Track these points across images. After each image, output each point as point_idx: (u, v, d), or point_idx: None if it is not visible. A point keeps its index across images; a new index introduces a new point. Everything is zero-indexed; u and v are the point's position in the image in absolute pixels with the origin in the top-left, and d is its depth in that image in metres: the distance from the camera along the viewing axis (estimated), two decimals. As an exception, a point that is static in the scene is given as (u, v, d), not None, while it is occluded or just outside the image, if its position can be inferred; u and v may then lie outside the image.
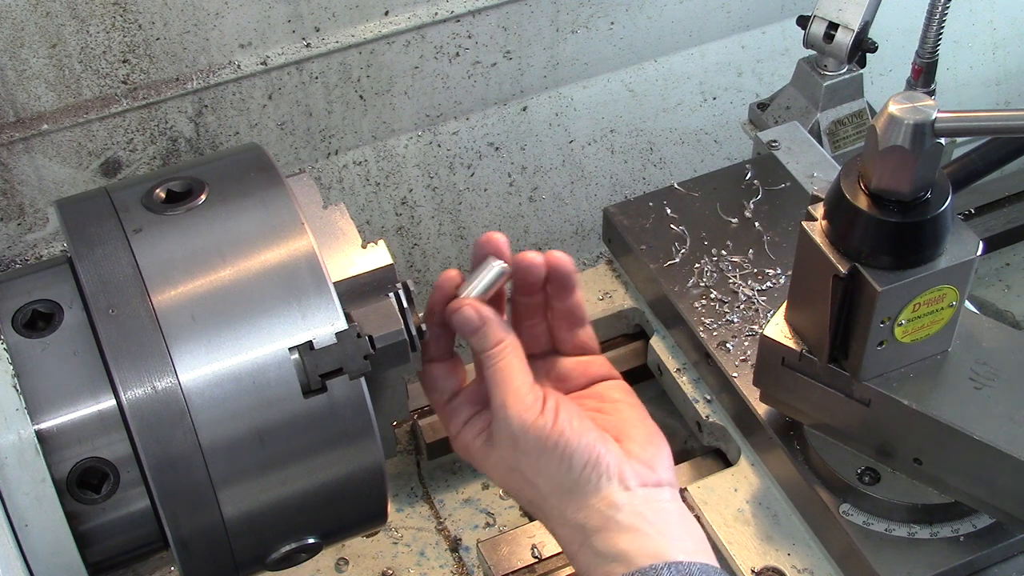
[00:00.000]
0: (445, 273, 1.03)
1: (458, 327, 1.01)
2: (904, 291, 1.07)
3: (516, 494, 1.03)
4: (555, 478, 0.98)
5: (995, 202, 1.93)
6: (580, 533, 0.98)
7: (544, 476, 0.98)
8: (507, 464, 1.00)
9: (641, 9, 1.77)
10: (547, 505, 1.00)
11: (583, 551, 0.97)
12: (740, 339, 1.39)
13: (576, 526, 0.98)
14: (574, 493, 0.98)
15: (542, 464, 0.98)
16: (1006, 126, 0.95)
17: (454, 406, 1.05)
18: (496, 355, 1.00)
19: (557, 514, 0.99)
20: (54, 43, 1.43)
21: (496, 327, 1.00)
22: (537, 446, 0.98)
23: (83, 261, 0.94)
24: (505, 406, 0.98)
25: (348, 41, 1.59)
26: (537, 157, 1.82)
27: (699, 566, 0.93)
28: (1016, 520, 1.15)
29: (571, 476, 0.98)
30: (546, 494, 0.99)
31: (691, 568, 0.93)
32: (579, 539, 0.98)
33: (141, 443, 0.90)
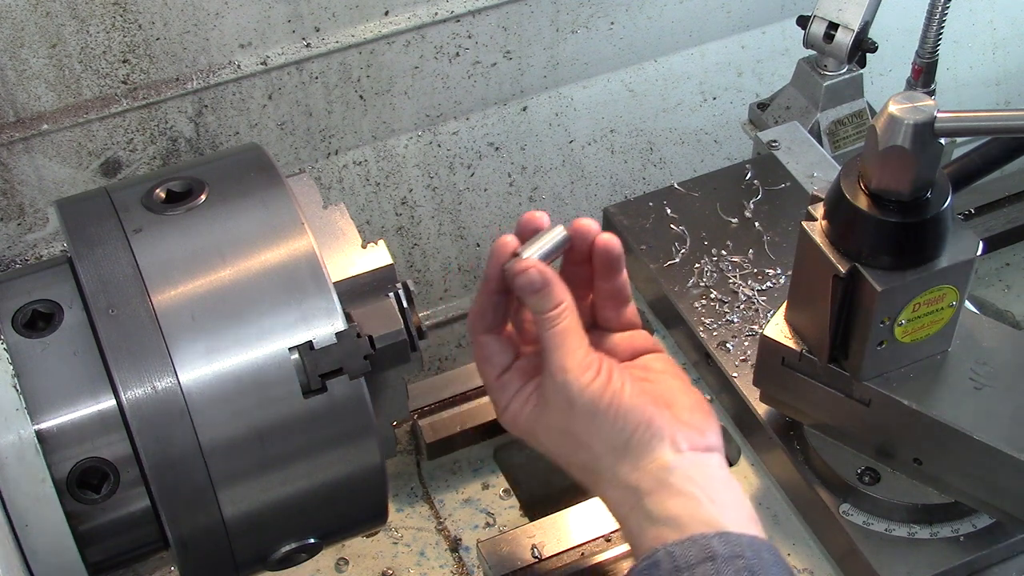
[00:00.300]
0: (500, 239, 1.04)
1: (521, 288, 1.02)
2: (904, 291, 1.07)
3: (567, 458, 1.04)
4: (609, 438, 1.00)
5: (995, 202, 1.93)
6: (633, 495, 0.99)
7: (598, 437, 1.00)
8: (560, 427, 1.02)
9: (641, 9, 1.77)
10: (600, 466, 1.00)
11: (634, 514, 0.98)
12: (740, 339, 1.39)
13: (629, 488, 0.99)
14: (627, 454, 0.99)
15: (597, 425, 0.99)
16: (1006, 126, 0.95)
17: (505, 379, 1.06)
18: (556, 317, 1.01)
19: (610, 475, 1.00)
20: (54, 43, 1.43)
21: (559, 288, 1.02)
22: (592, 407, 0.99)
23: (83, 261, 0.94)
24: (564, 368, 1.00)
25: (348, 41, 1.59)
26: (537, 157, 1.81)
27: (748, 538, 0.95)
28: (1016, 520, 1.15)
29: (624, 436, 0.99)
30: (599, 454, 1.00)
31: (740, 539, 0.94)
32: (631, 501, 0.99)
33: (141, 443, 0.90)
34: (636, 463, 0.99)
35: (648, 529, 0.97)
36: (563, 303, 1.01)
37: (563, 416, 1.01)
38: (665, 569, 0.93)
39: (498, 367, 1.06)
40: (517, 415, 1.05)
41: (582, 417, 1.00)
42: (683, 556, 0.93)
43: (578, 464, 1.03)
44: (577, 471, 1.04)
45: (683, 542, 0.94)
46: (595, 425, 1.00)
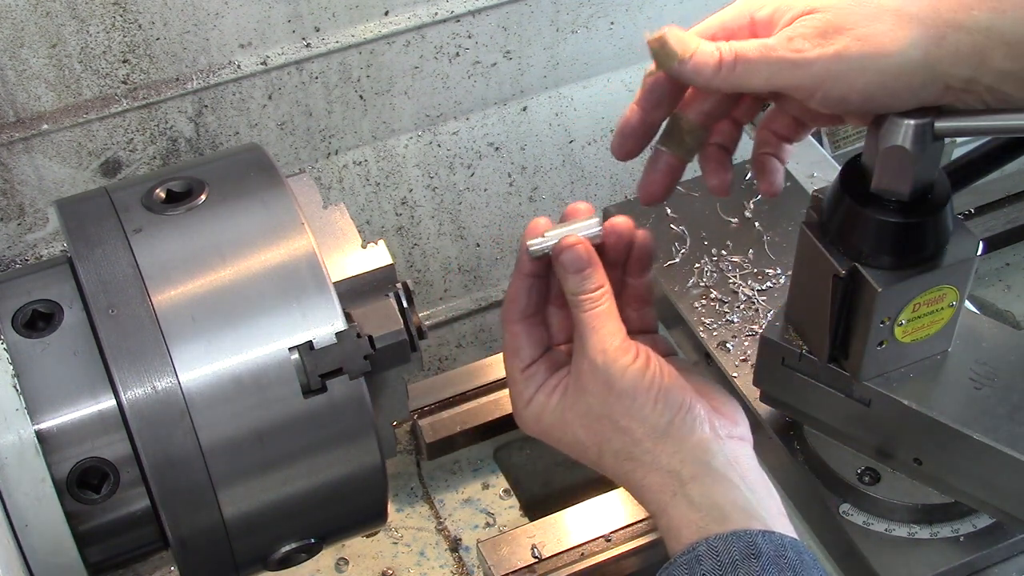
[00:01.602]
0: (534, 220, 1.03)
1: (566, 264, 1.00)
2: (904, 291, 1.07)
3: (600, 447, 1.01)
4: (650, 420, 0.98)
5: (995, 202, 1.93)
6: (675, 480, 0.97)
7: (638, 419, 0.98)
8: (596, 413, 0.99)
9: (641, 9, 1.77)
10: (639, 450, 0.99)
11: (676, 500, 0.97)
12: (740, 339, 1.39)
13: (671, 471, 0.98)
14: (669, 435, 0.98)
15: (637, 406, 0.98)
16: (1006, 126, 0.95)
17: (532, 371, 1.04)
18: (597, 299, 1.00)
19: (650, 459, 0.98)
20: (54, 43, 1.43)
21: (601, 270, 1.01)
22: (633, 388, 0.98)
23: (83, 261, 0.94)
24: (604, 350, 0.98)
25: (348, 41, 1.59)
26: (537, 157, 1.81)
27: (790, 539, 0.94)
28: (1016, 520, 1.15)
29: (665, 418, 0.98)
30: (640, 438, 0.99)
31: (783, 539, 0.94)
32: (673, 486, 0.97)
33: (141, 443, 0.90)
34: (679, 446, 0.98)
35: (689, 517, 0.96)
36: (603, 285, 1.00)
37: (600, 400, 0.99)
38: (708, 565, 0.92)
39: (527, 359, 1.04)
40: (542, 408, 1.03)
41: (622, 400, 0.98)
42: (727, 552, 0.92)
43: (613, 452, 1.00)
44: (611, 460, 1.01)
45: (726, 537, 0.93)
46: (635, 407, 0.98)
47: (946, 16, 0.90)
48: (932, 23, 0.91)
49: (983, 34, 0.89)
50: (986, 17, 0.89)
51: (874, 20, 0.91)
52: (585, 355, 0.99)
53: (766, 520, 0.95)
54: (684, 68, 0.96)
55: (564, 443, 1.04)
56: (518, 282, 1.04)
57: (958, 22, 0.90)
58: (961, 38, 0.90)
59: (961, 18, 0.90)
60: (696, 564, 0.93)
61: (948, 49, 0.90)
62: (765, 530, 0.94)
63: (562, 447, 1.05)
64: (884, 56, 0.91)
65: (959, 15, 0.90)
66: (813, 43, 0.93)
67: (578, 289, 1.00)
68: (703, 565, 0.93)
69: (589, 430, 1.01)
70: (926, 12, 0.91)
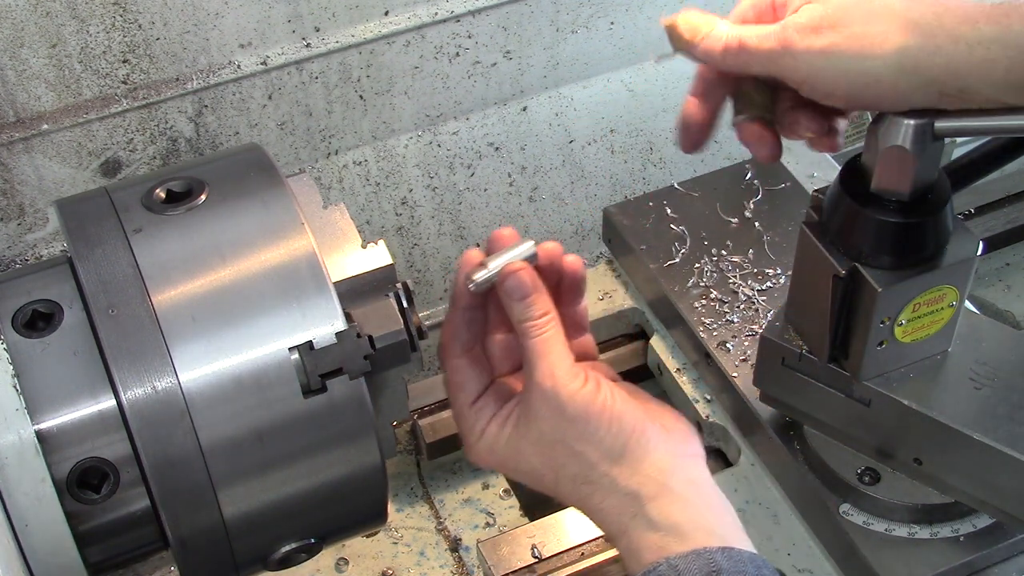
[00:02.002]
0: (467, 253, 1.03)
1: (510, 291, 0.99)
2: (904, 291, 1.07)
3: (557, 472, 1.00)
4: (604, 443, 0.98)
5: (995, 202, 1.93)
6: (634, 502, 0.97)
7: (593, 443, 0.98)
8: (548, 438, 0.99)
9: (641, 9, 1.77)
10: (596, 474, 0.98)
11: (635, 522, 0.96)
12: (740, 339, 1.39)
13: (629, 493, 0.97)
14: (624, 458, 0.98)
15: (591, 430, 0.98)
16: (1006, 126, 0.95)
17: (480, 405, 1.03)
18: (543, 325, 0.99)
19: (608, 482, 0.98)
20: (54, 43, 1.43)
21: (546, 296, 1.00)
22: (585, 411, 0.97)
23: (83, 261, 0.94)
24: (552, 375, 0.98)
25: (348, 41, 1.59)
26: (537, 157, 1.81)
27: (748, 554, 0.94)
28: (1016, 520, 1.15)
29: (620, 441, 0.98)
30: (595, 461, 0.98)
31: (742, 555, 0.93)
32: (632, 509, 0.97)
33: (141, 443, 0.90)
34: (635, 467, 0.98)
35: (649, 537, 0.96)
36: (550, 312, 1.00)
37: (552, 426, 0.99)
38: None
39: (473, 392, 1.04)
40: (495, 440, 1.02)
41: (575, 424, 0.98)
42: (687, 570, 0.92)
43: (569, 476, 1.00)
44: (568, 486, 1.01)
45: (687, 555, 0.93)
46: (589, 431, 0.98)
47: (948, 27, 0.90)
48: (931, 32, 0.90)
49: (986, 47, 0.89)
50: (992, 31, 0.88)
51: (870, 20, 0.91)
52: (534, 381, 0.99)
53: (724, 536, 0.95)
54: (695, 51, 1.00)
55: (520, 472, 1.03)
56: (456, 317, 1.03)
57: (959, 34, 0.89)
58: (959, 50, 0.89)
59: (964, 31, 0.89)
60: None
61: (942, 60, 0.90)
62: (724, 547, 0.94)
63: (518, 477, 1.04)
64: (869, 58, 0.92)
65: (962, 27, 0.89)
66: (803, 35, 0.94)
67: (524, 316, 0.99)
68: None
69: (544, 456, 1.00)
70: (928, 19, 0.90)
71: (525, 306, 0.99)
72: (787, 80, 0.97)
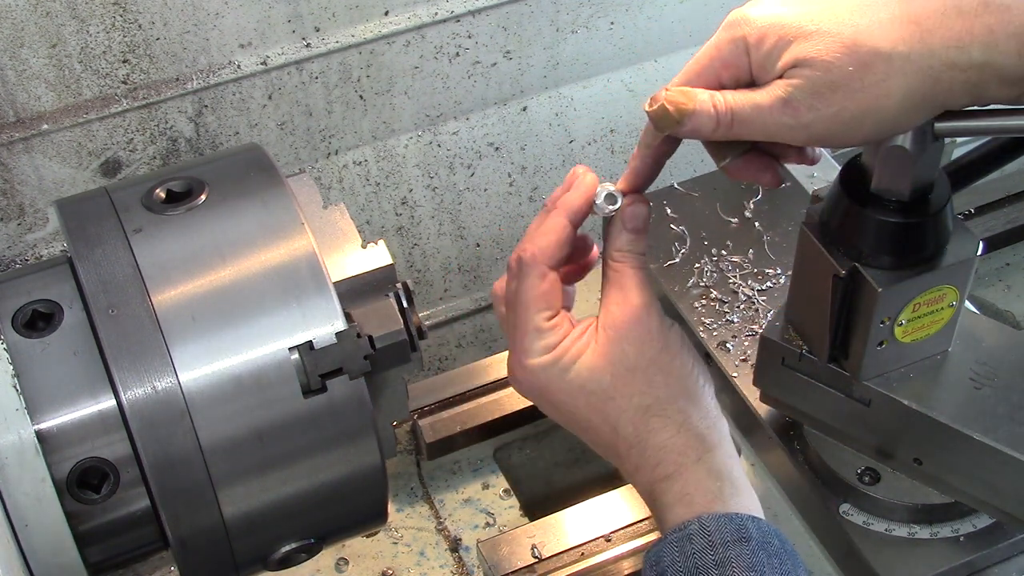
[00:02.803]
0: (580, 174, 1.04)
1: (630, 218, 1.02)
2: (904, 291, 1.07)
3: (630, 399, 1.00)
4: (687, 381, 1.00)
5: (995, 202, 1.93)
6: (700, 444, 0.99)
7: (677, 376, 1.00)
8: (630, 363, 0.99)
9: (641, 9, 1.77)
10: (672, 408, 0.99)
11: (697, 466, 0.98)
12: (740, 339, 1.39)
13: (698, 435, 0.99)
14: (699, 401, 1.00)
15: (678, 364, 1.00)
16: (1006, 126, 0.95)
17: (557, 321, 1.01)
18: (645, 263, 1.03)
19: (682, 419, 0.99)
20: (54, 43, 1.43)
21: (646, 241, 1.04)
22: (678, 345, 1.01)
23: (83, 261, 0.94)
24: (650, 303, 1.01)
25: (348, 41, 1.59)
26: (537, 157, 1.81)
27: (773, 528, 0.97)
28: (1016, 520, 1.15)
29: (698, 384, 1.01)
30: (674, 395, 1.00)
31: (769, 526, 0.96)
32: (698, 451, 0.98)
33: (141, 443, 0.90)
34: (704, 412, 1.00)
35: (708, 484, 0.97)
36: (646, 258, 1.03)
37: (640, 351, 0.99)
38: (698, 544, 0.93)
39: (555, 308, 1.02)
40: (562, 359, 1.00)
41: (663, 354, 1.00)
42: (718, 532, 0.93)
43: (641, 406, 0.99)
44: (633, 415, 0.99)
45: (718, 518, 0.94)
46: (675, 364, 1.00)
47: (940, 55, 0.89)
48: (927, 65, 0.89)
49: (977, 71, 0.88)
50: (980, 53, 0.88)
51: (866, 71, 0.89)
52: (630, 305, 1.00)
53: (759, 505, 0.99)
54: (683, 130, 0.97)
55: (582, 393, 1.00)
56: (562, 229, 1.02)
57: (951, 61, 0.89)
58: (956, 76, 0.89)
59: (954, 56, 0.88)
60: (687, 542, 0.94)
61: (944, 87, 0.90)
62: (753, 516, 0.96)
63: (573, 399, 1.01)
64: (880, 110, 0.91)
65: (952, 53, 0.88)
66: (807, 105, 0.91)
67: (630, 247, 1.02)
68: (694, 543, 0.93)
69: (619, 380, 1.00)
70: (919, 53, 0.89)
71: (636, 239, 1.02)
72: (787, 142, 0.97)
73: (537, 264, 1.01)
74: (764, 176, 1.02)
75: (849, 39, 0.89)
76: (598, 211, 1.03)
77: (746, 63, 0.95)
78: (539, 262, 1.01)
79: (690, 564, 0.93)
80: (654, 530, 1.36)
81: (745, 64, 0.95)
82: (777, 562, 0.93)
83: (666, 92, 0.96)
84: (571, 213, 1.02)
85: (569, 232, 1.02)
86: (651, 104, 0.96)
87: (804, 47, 0.91)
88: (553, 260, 1.01)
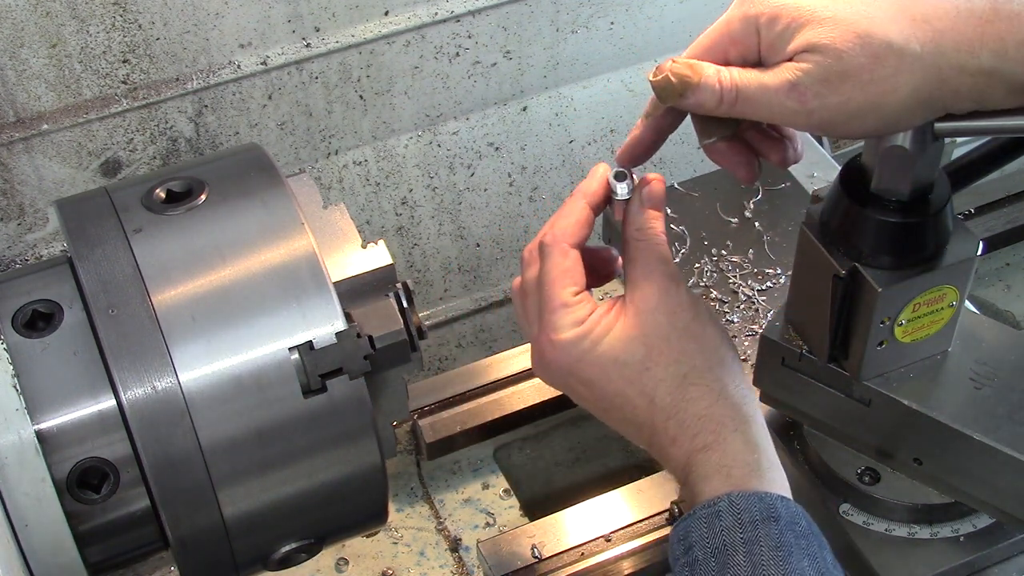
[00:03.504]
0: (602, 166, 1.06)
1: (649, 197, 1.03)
2: (904, 291, 1.07)
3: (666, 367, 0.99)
4: (719, 349, 1.00)
5: (995, 202, 1.93)
6: (738, 415, 0.98)
7: (710, 346, 1.00)
8: (662, 332, 0.99)
9: (641, 9, 1.77)
10: (711, 376, 0.99)
11: (735, 437, 0.97)
12: (740, 339, 1.39)
13: (735, 404, 0.98)
14: (733, 368, 1.00)
15: (710, 333, 1.00)
16: (1006, 126, 0.95)
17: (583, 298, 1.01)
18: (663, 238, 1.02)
19: (720, 387, 0.99)
20: (54, 43, 1.43)
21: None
22: (706, 316, 1.01)
23: (83, 261, 0.94)
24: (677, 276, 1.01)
25: (348, 41, 1.59)
26: (537, 157, 1.81)
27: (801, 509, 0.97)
28: (1016, 520, 1.15)
29: (731, 353, 1.01)
30: (711, 365, 0.99)
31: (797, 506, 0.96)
32: (736, 420, 0.98)
33: (141, 443, 0.90)
34: (739, 382, 1.00)
35: (745, 456, 0.96)
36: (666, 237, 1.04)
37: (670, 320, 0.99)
38: (727, 521, 0.93)
39: (579, 285, 1.02)
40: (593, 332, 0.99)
41: (695, 323, 0.99)
42: (747, 511, 0.93)
43: (678, 375, 0.99)
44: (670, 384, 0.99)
45: (748, 496, 0.93)
46: (707, 333, 1.00)
47: (950, 57, 0.89)
48: (935, 65, 0.89)
49: (985, 76, 0.88)
50: (989, 60, 0.88)
51: (877, 64, 0.89)
52: (659, 276, 1.00)
53: None
54: (686, 102, 0.96)
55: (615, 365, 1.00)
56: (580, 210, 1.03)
57: (960, 64, 0.88)
58: (963, 80, 0.89)
59: (964, 60, 0.88)
60: (716, 519, 0.93)
61: (950, 89, 0.90)
62: (783, 496, 0.96)
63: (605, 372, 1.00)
64: (885, 105, 0.91)
65: (962, 57, 0.88)
66: (814, 91, 0.91)
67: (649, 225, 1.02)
68: (722, 520, 0.93)
69: (653, 350, 0.99)
70: (930, 52, 0.89)
71: (656, 217, 1.02)
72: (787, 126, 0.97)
73: (558, 243, 1.02)
74: (741, 168, 1.02)
75: (863, 30, 0.89)
76: (614, 194, 1.04)
77: (755, 42, 0.94)
78: (560, 241, 1.02)
79: (718, 541, 0.92)
80: (654, 530, 1.36)
81: (754, 43, 0.95)
82: (804, 543, 0.93)
83: (672, 63, 0.96)
84: (588, 196, 1.04)
85: (587, 214, 1.03)
86: (656, 74, 0.96)
87: (817, 32, 0.90)
88: (574, 239, 1.02)
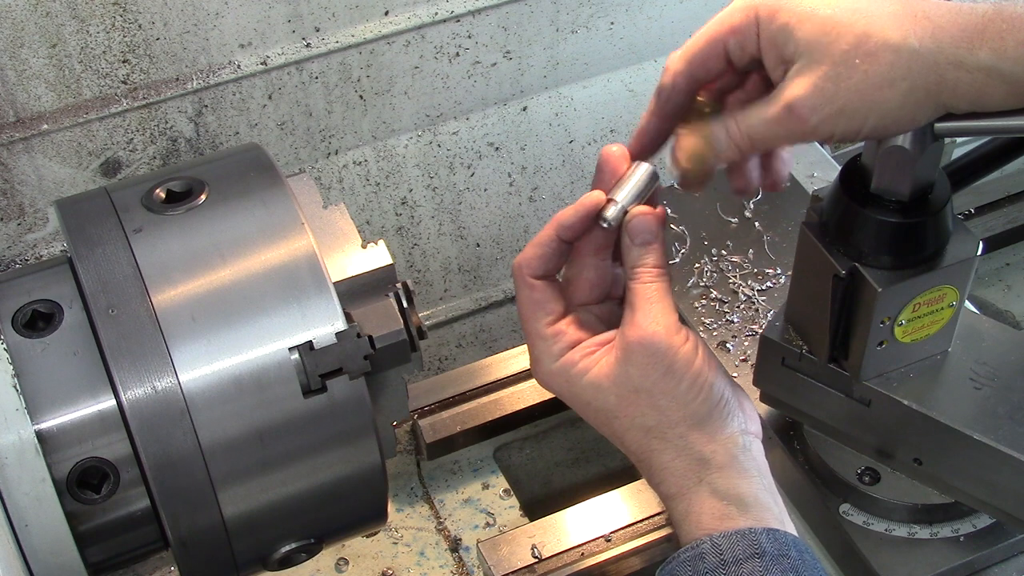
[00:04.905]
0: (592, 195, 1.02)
1: (635, 233, 1.00)
2: (904, 291, 1.07)
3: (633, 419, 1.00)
4: (691, 406, 0.98)
5: (995, 202, 1.93)
6: (701, 467, 0.98)
7: (680, 402, 0.98)
8: (634, 385, 0.98)
9: (641, 9, 1.77)
10: (673, 433, 0.98)
11: (699, 487, 0.97)
12: (740, 339, 1.39)
13: (699, 458, 0.98)
14: (704, 425, 0.98)
15: (682, 390, 0.98)
16: (1006, 126, 0.95)
17: (560, 329, 1.02)
18: (658, 273, 1.00)
19: (682, 444, 0.98)
20: (54, 43, 1.43)
21: (663, 246, 1.01)
22: (683, 370, 0.98)
23: (83, 261, 0.94)
24: (659, 323, 0.98)
25: (348, 41, 1.59)
26: (537, 157, 1.81)
27: (792, 537, 0.96)
28: (1016, 520, 1.15)
29: (706, 407, 0.98)
30: (676, 420, 0.98)
31: (786, 537, 0.95)
32: (699, 474, 0.98)
33: (141, 443, 0.90)
34: (712, 436, 0.98)
35: (712, 504, 0.96)
36: (665, 264, 1.01)
37: (644, 374, 0.98)
38: (711, 562, 0.93)
39: (554, 314, 1.02)
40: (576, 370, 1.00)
41: (667, 379, 0.98)
42: (730, 550, 0.93)
43: (643, 427, 0.99)
44: (637, 435, 1.00)
45: (731, 535, 0.94)
46: (680, 390, 0.98)
47: (948, 52, 0.89)
48: (933, 61, 0.89)
49: (984, 73, 0.88)
50: (988, 57, 0.88)
51: (872, 61, 0.90)
52: (638, 325, 0.98)
53: (779, 517, 0.97)
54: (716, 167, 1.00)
55: (589, 408, 1.02)
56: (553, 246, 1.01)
57: (959, 60, 0.89)
58: (961, 76, 0.89)
59: (963, 56, 0.88)
60: (699, 560, 0.93)
61: (948, 86, 0.90)
62: (769, 529, 0.95)
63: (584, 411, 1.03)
64: (883, 102, 0.91)
65: (961, 52, 0.88)
66: (810, 107, 0.92)
67: (642, 261, 1.00)
68: (706, 562, 0.93)
69: (623, 401, 0.99)
70: (928, 47, 0.89)
71: (646, 251, 1.00)
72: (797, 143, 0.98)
73: (522, 275, 1.02)
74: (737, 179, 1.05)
75: (861, 30, 0.90)
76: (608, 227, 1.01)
77: (754, 33, 0.95)
78: (524, 273, 1.02)
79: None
80: (654, 530, 1.36)
81: (753, 35, 0.96)
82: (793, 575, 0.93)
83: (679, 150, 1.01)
84: (560, 227, 1.01)
85: (556, 245, 1.02)
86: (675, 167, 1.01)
87: (814, 33, 0.92)
88: (536, 272, 1.02)
